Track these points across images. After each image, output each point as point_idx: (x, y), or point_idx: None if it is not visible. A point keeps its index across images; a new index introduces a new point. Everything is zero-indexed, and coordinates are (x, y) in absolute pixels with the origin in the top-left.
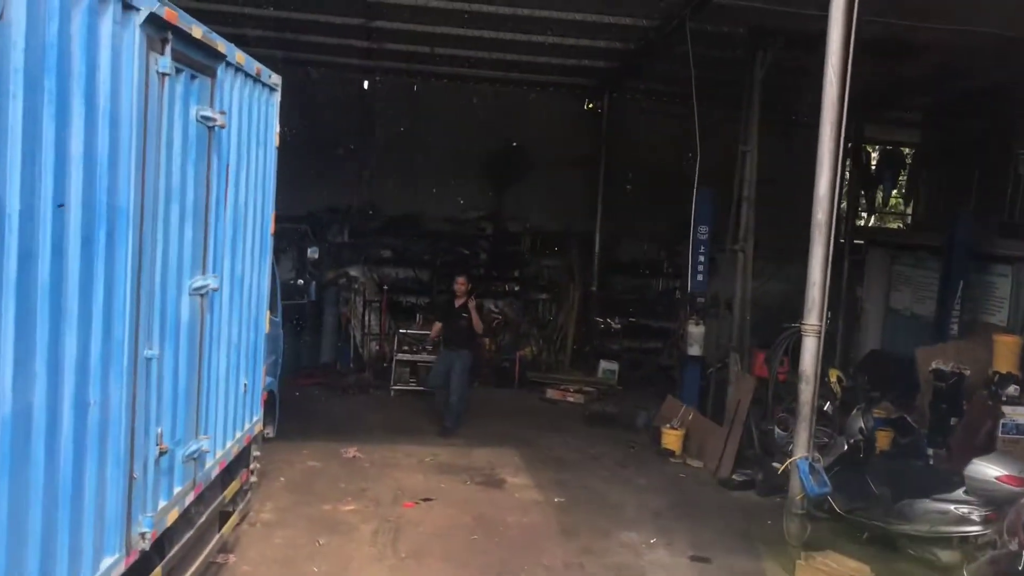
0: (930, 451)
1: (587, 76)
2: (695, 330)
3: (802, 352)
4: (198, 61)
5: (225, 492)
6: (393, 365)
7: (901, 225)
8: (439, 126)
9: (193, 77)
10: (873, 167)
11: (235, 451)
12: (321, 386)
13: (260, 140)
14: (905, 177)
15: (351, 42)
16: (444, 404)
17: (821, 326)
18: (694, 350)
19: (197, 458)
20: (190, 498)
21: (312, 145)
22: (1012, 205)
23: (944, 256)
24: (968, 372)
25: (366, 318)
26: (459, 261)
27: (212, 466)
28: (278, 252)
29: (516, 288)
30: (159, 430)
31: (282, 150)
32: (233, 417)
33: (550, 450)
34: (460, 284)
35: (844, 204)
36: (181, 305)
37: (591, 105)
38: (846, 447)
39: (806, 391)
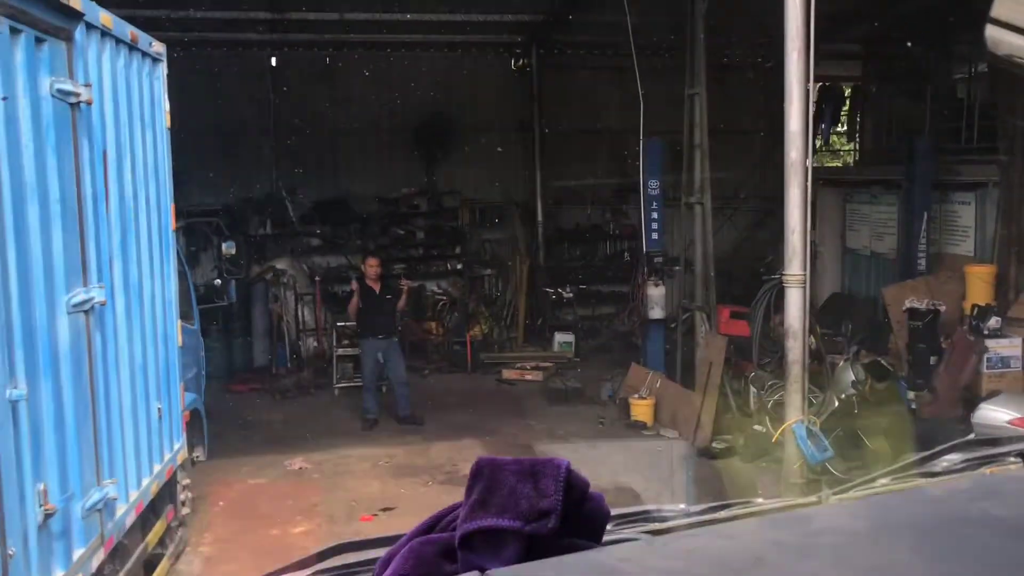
0: (911, 394)
1: (513, 32)
2: (655, 292)
3: (786, 305)
4: (44, 20)
5: (148, 538)
6: (334, 361)
7: (845, 164)
8: (358, 100)
9: (40, 41)
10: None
11: (155, 488)
12: (257, 391)
13: (145, 120)
14: (846, 114)
15: (252, 14)
16: (399, 397)
17: (805, 275)
18: (655, 313)
19: (103, 508)
20: (99, 558)
21: (221, 131)
22: (968, 130)
23: (905, 188)
24: (944, 308)
25: (299, 313)
26: (394, 242)
27: (126, 512)
28: (195, 251)
29: (458, 266)
30: (41, 487)
31: (189, 139)
32: (148, 450)
33: (515, 437)
34: (371, 265)
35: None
36: (57, 326)
37: (520, 64)
38: (836, 403)
39: (795, 347)
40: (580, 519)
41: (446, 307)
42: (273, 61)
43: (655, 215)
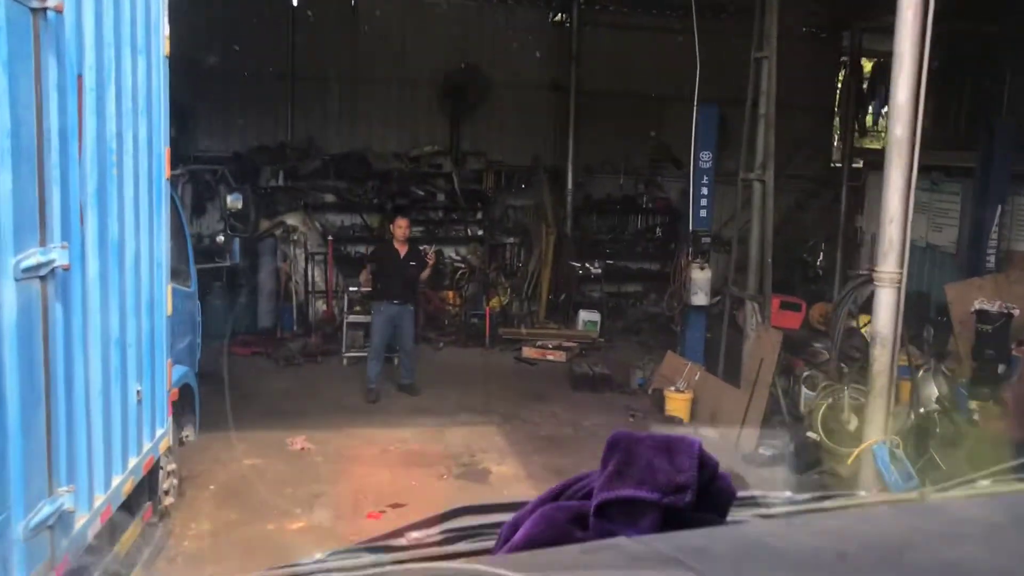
0: (972, 404)
1: None
2: (700, 275)
3: (876, 307)
4: None
5: (118, 546)
6: (344, 328)
7: None
8: (383, 49)
9: None
10: (864, 83)
11: (130, 486)
12: (260, 356)
13: (138, 43)
14: None
15: None
16: (403, 366)
17: (902, 274)
18: (699, 299)
19: (55, 524)
20: None
21: (234, 72)
22: None
23: (977, 176)
24: (1017, 312)
25: (309, 274)
26: (413, 203)
27: (88, 523)
28: (198, 203)
29: (480, 232)
30: None
31: (198, 78)
32: (121, 443)
33: (537, 426)
34: (400, 227)
35: (837, 122)
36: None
37: (557, 18)
38: (912, 417)
39: (882, 356)
40: (709, 496)
41: (465, 276)
42: (295, 1)
43: (705, 190)
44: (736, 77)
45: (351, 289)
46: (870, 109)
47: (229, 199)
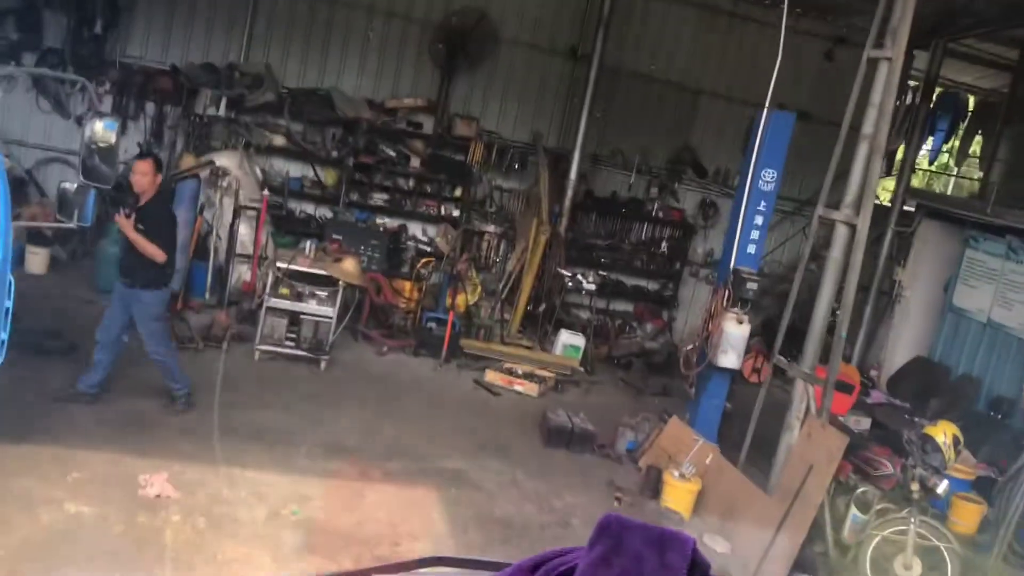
0: None
1: None
2: (735, 330)
3: None
4: None
5: None
6: (262, 313)
7: (970, 194)
8: None
9: None
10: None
11: None
12: None
13: None
14: (963, 129)
15: None
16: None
17: None
18: (728, 358)
19: None
20: None
21: None
22: None
23: None
24: None
25: (233, 230)
26: (381, 163)
27: None
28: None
29: (455, 212)
30: None
31: None
32: None
33: (491, 497)
34: (138, 172)
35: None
36: None
37: None
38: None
39: None
40: None
41: (429, 265)
42: None
43: (760, 219)
44: (791, 82)
45: (279, 264)
46: (926, 144)
47: (96, 127)
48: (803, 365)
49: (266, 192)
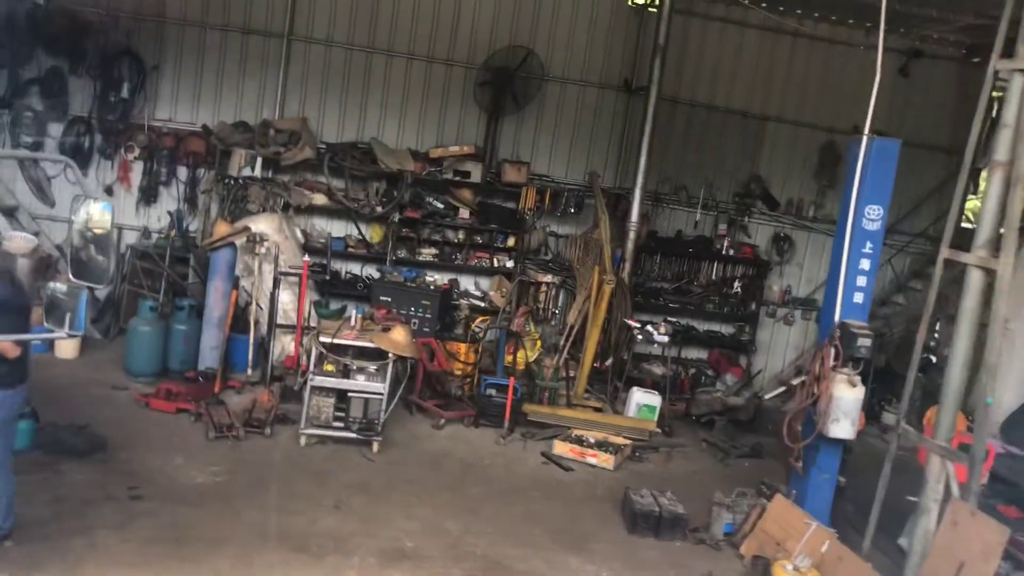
0: None
1: None
2: (849, 394)
3: None
4: None
5: None
6: (306, 392)
7: None
8: (410, 20)
9: None
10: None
11: None
12: (187, 415)
13: None
14: None
15: None
16: None
17: None
18: (841, 428)
19: None
20: None
21: (216, 28)
22: None
23: None
24: None
25: (274, 298)
26: (428, 216)
27: None
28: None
29: (508, 263)
30: None
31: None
32: None
33: None
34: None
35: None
36: None
37: (640, 0)
38: None
39: None
40: None
41: (483, 325)
42: None
43: (867, 263)
44: (864, 101)
45: (321, 339)
46: None
47: (90, 210)
48: (938, 437)
49: (306, 257)
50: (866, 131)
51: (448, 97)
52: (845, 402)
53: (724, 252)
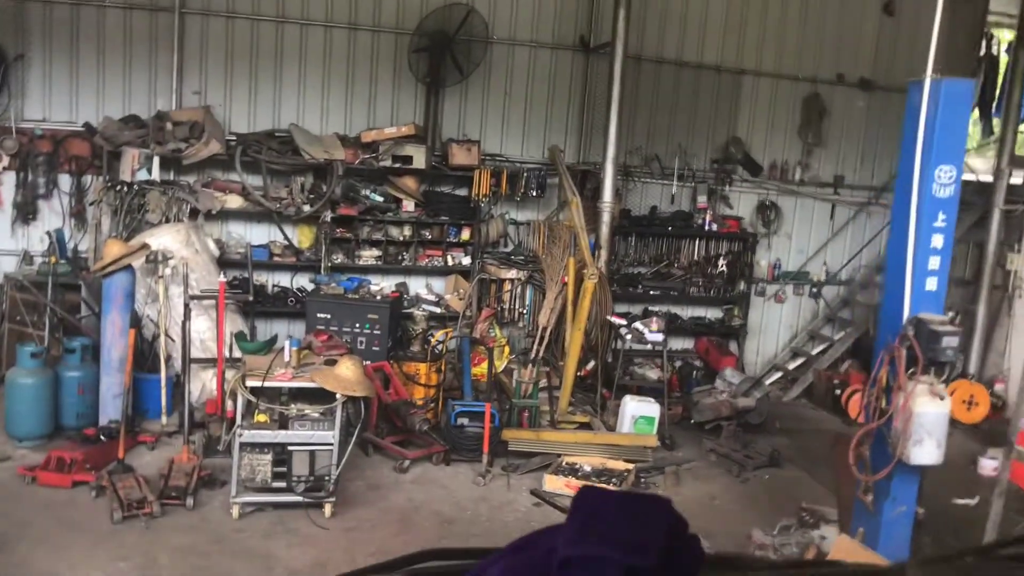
0: None
1: None
2: (932, 409)
3: None
4: None
5: None
6: (235, 447)
7: None
8: None
9: None
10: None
11: None
12: (86, 488)
13: None
14: None
15: None
16: None
17: None
18: (925, 453)
19: None
20: None
21: (92, 8)
22: None
23: None
24: None
25: (187, 328)
26: (366, 212)
27: None
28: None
29: (464, 260)
30: None
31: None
32: None
33: None
34: None
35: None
36: None
37: None
38: None
39: None
40: (676, 558)
41: (445, 338)
42: None
43: (939, 238)
44: (848, 45)
45: (247, 382)
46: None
47: None
48: None
49: (222, 277)
50: (928, 70)
51: (378, 70)
52: (929, 419)
53: (706, 228)
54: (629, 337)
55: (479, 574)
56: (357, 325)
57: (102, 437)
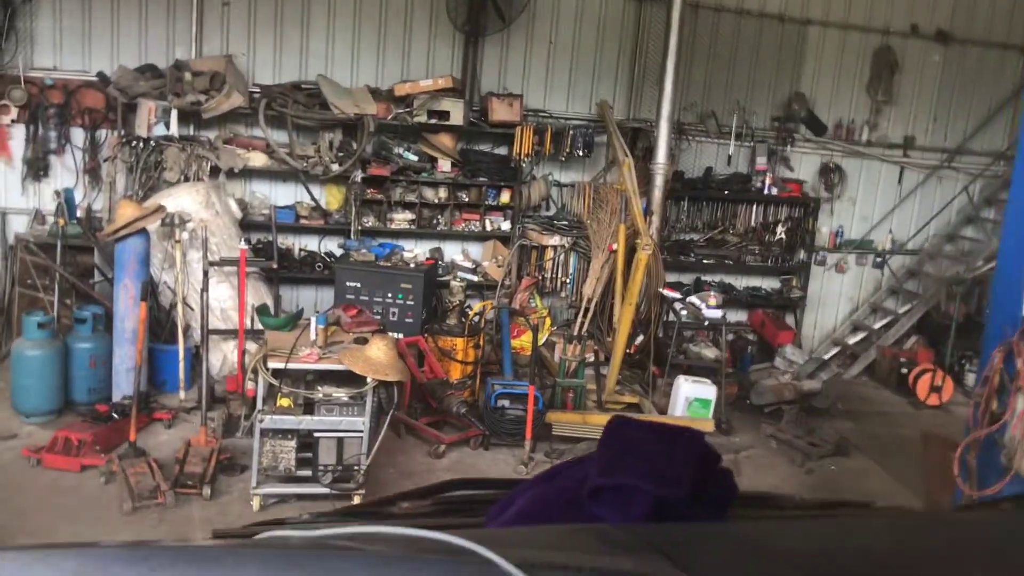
0: None
1: None
2: None
3: None
4: None
5: None
6: (256, 434)
7: None
8: None
9: None
10: None
11: None
12: (94, 472)
13: None
14: None
15: None
16: None
17: None
18: None
19: None
20: None
21: None
22: None
23: None
24: None
25: (208, 296)
26: (400, 172)
27: None
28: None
29: (503, 225)
30: None
31: None
32: None
33: None
34: None
35: None
36: None
37: None
38: None
39: None
40: (708, 491)
41: (483, 311)
42: None
43: None
44: None
45: (270, 364)
46: None
47: None
48: None
49: (243, 245)
50: None
51: (413, 17)
52: None
53: (765, 191)
54: (684, 313)
55: (508, 503)
56: (389, 295)
57: (114, 415)
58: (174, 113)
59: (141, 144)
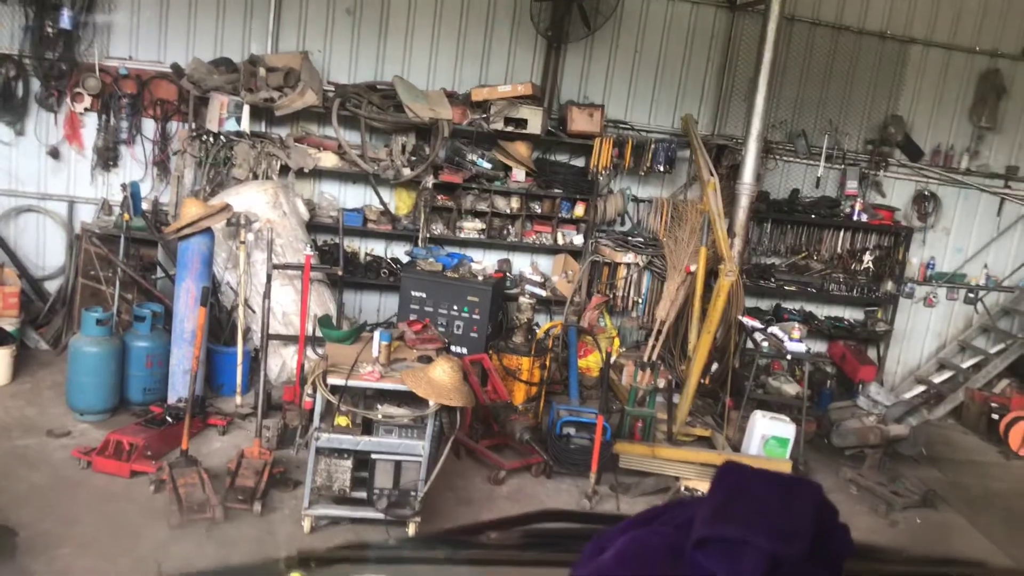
0: None
1: None
2: None
3: None
4: None
5: None
6: (311, 452)
7: None
8: None
9: None
10: None
11: None
12: (144, 479)
13: None
14: None
15: None
16: None
17: None
18: None
19: None
20: None
21: None
22: None
23: None
24: None
25: (271, 300)
26: (472, 179)
27: None
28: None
29: (575, 238)
30: None
31: None
32: None
33: None
34: None
35: None
36: None
37: None
38: None
39: None
40: (823, 548)
41: (553, 332)
42: None
43: None
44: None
45: (328, 380)
46: None
47: None
48: None
49: (309, 251)
50: None
51: (494, 21)
52: None
53: (854, 217)
54: (766, 345)
55: (603, 543)
56: (455, 307)
57: (168, 418)
58: (246, 109)
59: (211, 139)
